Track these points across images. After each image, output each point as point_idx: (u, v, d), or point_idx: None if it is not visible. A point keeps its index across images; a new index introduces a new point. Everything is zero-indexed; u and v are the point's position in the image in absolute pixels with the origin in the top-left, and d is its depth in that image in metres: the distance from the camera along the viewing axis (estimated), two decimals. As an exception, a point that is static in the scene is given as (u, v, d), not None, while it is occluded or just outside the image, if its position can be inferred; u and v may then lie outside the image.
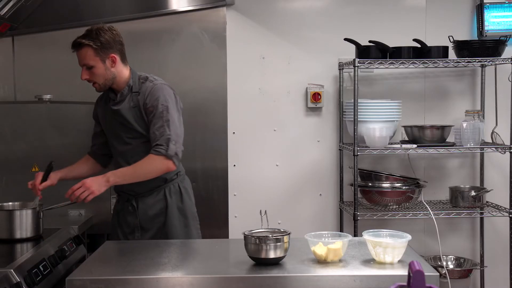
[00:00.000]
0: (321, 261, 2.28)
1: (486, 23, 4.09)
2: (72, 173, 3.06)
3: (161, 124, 2.86)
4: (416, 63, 3.83)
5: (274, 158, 4.16)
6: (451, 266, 4.14)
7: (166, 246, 2.58)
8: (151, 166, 2.85)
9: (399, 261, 2.28)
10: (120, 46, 2.95)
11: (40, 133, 3.33)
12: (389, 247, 2.26)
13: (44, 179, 2.91)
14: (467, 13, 4.19)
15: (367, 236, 2.32)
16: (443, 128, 3.93)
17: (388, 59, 3.82)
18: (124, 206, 3.02)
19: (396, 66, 3.89)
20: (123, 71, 2.95)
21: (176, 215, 3.00)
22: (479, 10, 4.10)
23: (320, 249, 2.28)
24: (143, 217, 2.98)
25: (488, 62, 3.92)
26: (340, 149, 4.16)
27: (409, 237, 2.32)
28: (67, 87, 3.99)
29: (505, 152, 3.89)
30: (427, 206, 3.83)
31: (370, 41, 3.83)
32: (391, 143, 3.91)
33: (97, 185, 2.77)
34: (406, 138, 4.02)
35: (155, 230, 2.98)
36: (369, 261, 2.29)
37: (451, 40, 3.92)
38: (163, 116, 2.87)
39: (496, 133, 3.97)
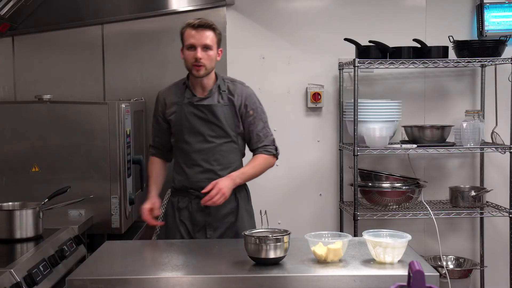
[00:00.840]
0: (321, 261, 2.28)
1: (486, 23, 4.09)
2: (160, 185, 3.12)
3: (262, 126, 3.03)
4: (416, 63, 3.83)
5: (274, 158, 4.16)
6: (451, 266, 4.14)
7: (166, 246, 2.58)
8: (266, 166, 3.04)
9: (399, 261, 2.28)
10: None
11: (40, 133, 3.32)
12: (389, 247, 2.26)
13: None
14: (467, 13, 4.19)
15: (367, 236, 2.32)
16: (443, 128, 3.93)
17: (388, 59, 3.82)
18: (191, 204, 3.00)
19: (396, 66, 3.89)
20: (214, 70, 3.02)
21: (245, 213, 3.04)
22: (479, 10, 4.10)
23: (320, 249, 2.28)
24: (215, 215, 2.97)
25: (488, 62, 3.92)
26: (340, 149, 4.16)
27: (409, 237, 2.32)
28: (67, 87, 4.00)
29: (505, 152, 3.89)
30: (427, 206, 3.84)
31: (370, 41, 3.83)
32: (391, 143, 3.92)
33: (227, 188, 2.84)
34: (406, 138, 4.02)
35: (224, 229, 3.00)
36: (369, 261, 2.29)
37: (451, 40, 3.92)
38: (262, 119, 3.04)
39: (496, 133, 3.97)
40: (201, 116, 2.96)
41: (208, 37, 2.89)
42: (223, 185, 2.83)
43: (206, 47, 2.89)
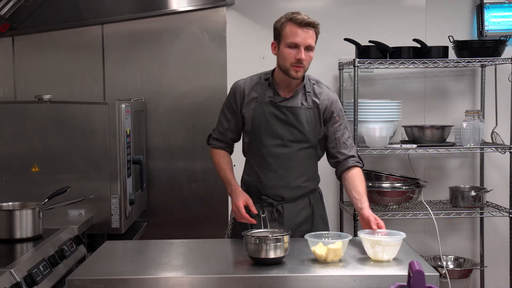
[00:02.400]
0: (321, 261, 2.28)
1: (486, 23, 4.09)
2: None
3: (348, 135, 2.83)
4: (416, 63, 3.83)
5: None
6: (451, 266, 4.14)
7: (166, 246, 2.58)
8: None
9: (399, 261, 2.28)
10: None
11: (40, 133, 3.32)
12: (389, 245, 2.26)
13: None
14: (467, 13, 4.19)
15: (364, 235, 2.33)
16: (443, 128, 3.93)
17: (388, 59, 3.82)
18: (263, 211, 2.75)
19: (396, 66, 3.89)
20: (312, 66, 2.78)
21: (320, 222, 2.86)
22: (479, 10, 4.10)
23: (320, 249, 2.28)
24: (289, 223, 2.74)
25: (488, 62, 3.92)
26: (340, 149, 4.15)
27: (403, 234, 2.33)
28: (67, 87, 4.01)
29: (505, 152, 3.89)
30: (427, 206, 3.84)
31: (370, 41, 3.83)
32: (391, 143, 3.92)
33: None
34: (406, 138, 4.02)
35: (298, 237, 2.67)
36: (369, 261, 2.29)
37: (451, 40, 3.92)
38: (347, 128, 2.85)
39: (496, 133, 3.97)
40: (282, 118, 2.73)
41: (312, 37, 2.68)
42: (373, 215, 2.58)
43: (308, 48, 2.66)
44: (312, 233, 2.42)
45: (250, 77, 2.85)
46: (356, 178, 2.76)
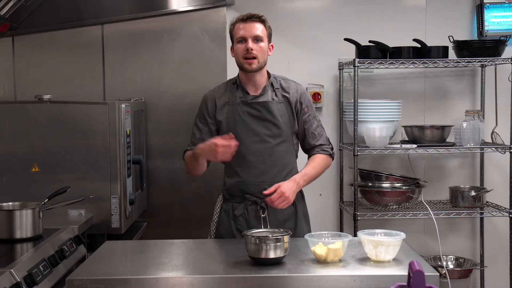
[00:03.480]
0: (321, 261, 2.28)
1: (486, 23, 4.09)
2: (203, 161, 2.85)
3: (317, 124, 2.94)
4: (416, 63, 3.83)
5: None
6: (451, 266, 4.14)
7: (166, 246, 2.58)
8: (325, 166, 2.92)
9: (399, 261, 2.28)
10: None
11: (40, 133, 3.32)
12: (384, 245, 2.26)
13: None
14: (467, 13, 4.19)
15: (365, 235, 2.33)
16: (443, 128, 3.93)
17: (388, 59, 3.82)
18: (247, 211, 2.84)
19: (396, 66, 3.89)
20: (266, 66, 2.91)
21: (303, 219, 2.92)
22: (479, 10, 4.10)
23: (320, 249, 2.28)
24: (273, 221, 2.77)
25: (488, 62, 3.92)
26: (340, 149, 4.16)
27: (403, 235, 2.33)
28: (67, 87, 4.01)
29: (505, 152, 3.89)
30: (427, 206, 3.84)
31: (370, 41, 3.83)
32: (391, 143, 3.92)
33: (291, 192, 2.68)
34: (406, 138, 4.02)
35: None
36: (369, 261, 2.29)
37: (451, 40, 3.92)
38: (316, 117, 2.96)
39: (496, 133, 3.97)
40: (256, 115, 2.84)
41: (258, 28, 2.82)
42: (287, 189, 2.66)
43: (257, 39, 2.79)
44: (312, 233, 2.42)
45: (218, 86, 3.00)
46: (309, 160, 2.91)
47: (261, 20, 2.86)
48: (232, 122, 2.86)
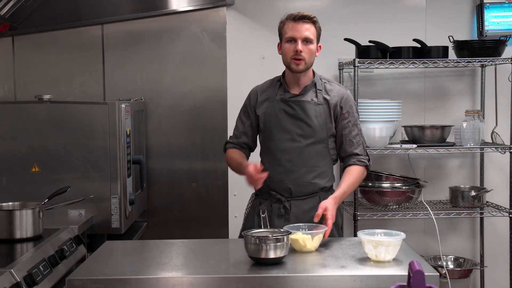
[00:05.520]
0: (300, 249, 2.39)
1: (486, 23, 4.09)
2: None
3: (357, 132, 2.86)
4: (416, 63, 3.83)
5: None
6: (451, 266, 4.14)
7: (166, 246, 2.58)
8: (360, 179, 2.84)
9: (399, 261, 2.28)
10: None
11: (40, 133, 3.32)
12: (384, 245, 2.26)
13: None
14: (467, 13, 4.19)
15: (363, 235, 2.33)
16: (443, 128, 3.93)
17: (388, 59, 3.83)
18: (271, 208, 2.83)
19: (396, 66, 3.89)
20: (313, 66, 2.89)
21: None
22: (479, 10, 4.10)
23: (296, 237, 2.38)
24: (295, 222, 2.68)
25: (488, 62, 3.92)
26: (340, 149, 4.15)
27: (403, 235, 2.33)
28: (67, 87, 4.01)
29: (505, 152, 3.90)
30: (427, 206, 3.84)
31: (370, 41, 3.83)
32: (391, 143, 3.92)
33: (334, 211, 2.61)
34: (406, 138, 4.02)
35: None
36: (369, 261, 2.29)
37: (451, 40, 3.92)
38: (357, 125, 2.87)
39: (496, 133, 3.97)
40: (291, 113, 2.81)
41: (309, 29, 2.78)
42: (333, 210, 2.58)
43: (306, 40, 2.77)
44: (290, 225, 2.50)
45: (264, 83, 2.99)
46: (346, 173, 2.82)
47: (312, 21, 2.81)
48: (268, 118, 2.86)
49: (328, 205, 2.60)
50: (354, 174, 2.80)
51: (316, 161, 2.83)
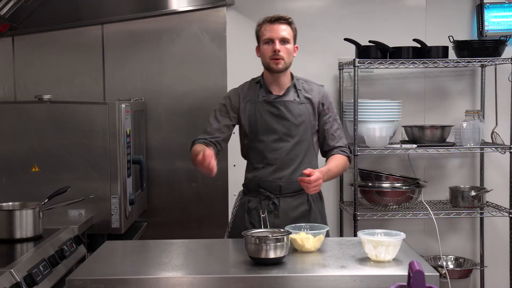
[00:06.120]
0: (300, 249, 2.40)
1: (486, 23, 4.09)
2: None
3: (337, 127, 2.98)
4: (416, 63, 3.83)
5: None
6: (451, 266, 4.14)
7: (166, 246, 2.58)
8: (344, 167, 2.95)
9: (399, 261, 2.28)
10: None
11: (40, 133, 3.32)
12: (384, 245, 2.26)
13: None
14: (467, 13, 4.19)
15: (363, 235, 2.33)
16: (443, 128, 3.93)
17: (388, 59, 3.82)
18: (260, 205, 2.89)
19: (396, 66, 3.89)
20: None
21: (318, 220, 2.91)
22: (479, 10, 4.10)
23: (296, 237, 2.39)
24: (284, 217, 2.85)
25: (488, 62, 3.92)
26: (340, 149, 4.15)
27: (403, 235, 2.33)
28: (67, 87, 4.01)
29: (505, 152, 3.90)
30: (427, 206, 3.84)
31: (370, 41, 3.83)
32: (391, 143, 3.92)
33: (321, 181, 2.69)
34: (406, 138, 4.02)
35: None
36: (369, 261, 2.29)
37: (451, 40, 3.92)
38: (337, 120, 3.00)
39: (496, 133, 3.97)
40: (276, 113, 2.89)
41: (285, 30, 2.87)
42: (320, 178, 2.66)
43: (283, 41, 2.86)
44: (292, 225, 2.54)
45: (242, 85, 3.04)
46: (330, 159, 2.92)
47: (288, 22, 2.91)
48: (253, 119, 2.92)
49: (316, 171, 2.68)
50: (338, 159, 2.92)
51: (304, 158, 2.91)
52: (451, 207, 3.98)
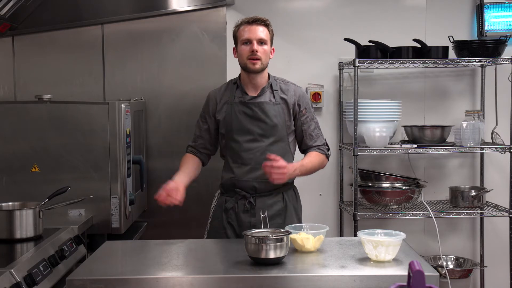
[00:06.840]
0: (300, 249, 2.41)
1: (486, 23, 4.09)
2: (188, 176, 2.98)
3: (315, 126, 3.04)
4: (416, 63, 3.83)
5: (274, 158, 4.16)
6: (451, 266, 4.14)
7: (166, 246, 2.58)
8: (320, 164, 3.02)
9: (399, 261, 2.28)
10: None
11: (40, 133, 3.32)
12: (384, 245, 2.26)
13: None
14: (467, 13, 4.20)
15: (363, 235, 2.33)
16: (443, 128, 3.93)
17: (388, 59, 3.83)
18: (237, 205, 2.97)
19: (396, 66, 3.89)
20: (267, 69, 3.02)
21: (293, 217, 3.00)
22: (479, 10, 4.10)
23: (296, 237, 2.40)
24: (260, 216, 2.84)
25: (488, 62, 3.92)
26: (340, 149, 4.16)
27: (403, 235, 2.33)
28: (67, 87, 4.00)
29: (505, 152, 3.90)
30: (427, 206, 3.84)
31: (370, 41, 3.83)
32: (391, 143, 3.92)
33: (288, 173, 2.78)
34: (406, 138, 4.02)
35: None
36: (369, 261, 2.29)
37: (451, 40, 3.92)
38: (314, 119, 3.05)
39: (496, 133, 3.97)
40: (251, 114, 2.95)
41: (263, 32, 2.93)
42: (287, 166, 2.74)
43: (261, 42, 2.92)
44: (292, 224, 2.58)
45: (220, 87, 3.12)
46: (306, 155, 3.00)
47: (265, 24, 2.96)
48: (228, 120, 2.97)
49: (288, 165, 2.77)
50: (313, 155, 2.99)
51: None
52: (451, 207, 3.98)
